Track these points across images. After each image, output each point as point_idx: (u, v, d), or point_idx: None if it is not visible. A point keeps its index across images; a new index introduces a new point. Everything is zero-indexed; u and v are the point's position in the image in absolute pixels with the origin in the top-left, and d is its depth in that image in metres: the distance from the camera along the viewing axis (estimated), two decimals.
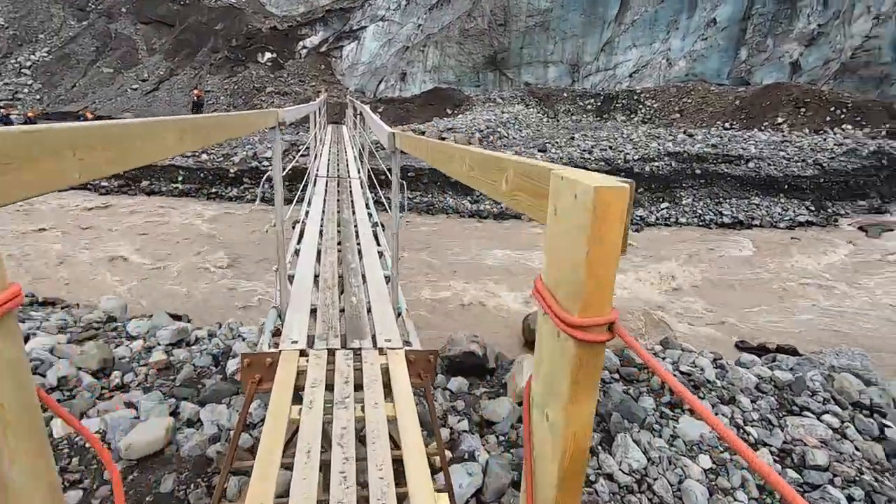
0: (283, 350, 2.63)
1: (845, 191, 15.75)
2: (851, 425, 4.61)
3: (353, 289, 3.68)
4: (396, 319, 3.24)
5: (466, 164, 1.19)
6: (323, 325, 3.01)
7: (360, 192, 7.11)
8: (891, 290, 10.27)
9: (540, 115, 31.50)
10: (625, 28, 37.01)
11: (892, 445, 4.41)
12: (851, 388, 5.07)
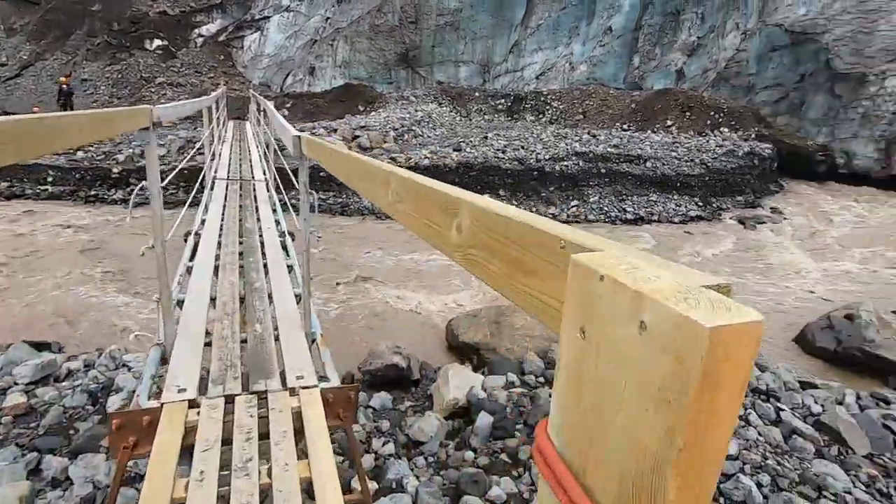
0: (167, 403, 2.14)
1: (726, 188, 17.50)
2: (753, 411, 4.94)
3: (258, 314, 3.21)
4: (310, 348, 2.84)
5: (392, 191, 0.90)
6: (220, 363, 2.54)
7: (266, 197, 6.47)
8: (768, 276, 11.49)
9: (453, 113, 31.71)
10: (531, 32, 38.39)
11: (787, 427, 4.77)
12: (750, 374, 5.46)
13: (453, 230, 0.67)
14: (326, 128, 21.99)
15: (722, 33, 30.05)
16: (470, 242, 0.62)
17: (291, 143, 2.60)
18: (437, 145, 21.11)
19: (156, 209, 2.43)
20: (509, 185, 16.08)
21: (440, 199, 0.73)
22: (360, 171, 1.20)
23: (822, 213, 17.41)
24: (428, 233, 0.75)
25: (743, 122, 24.33)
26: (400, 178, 0.88)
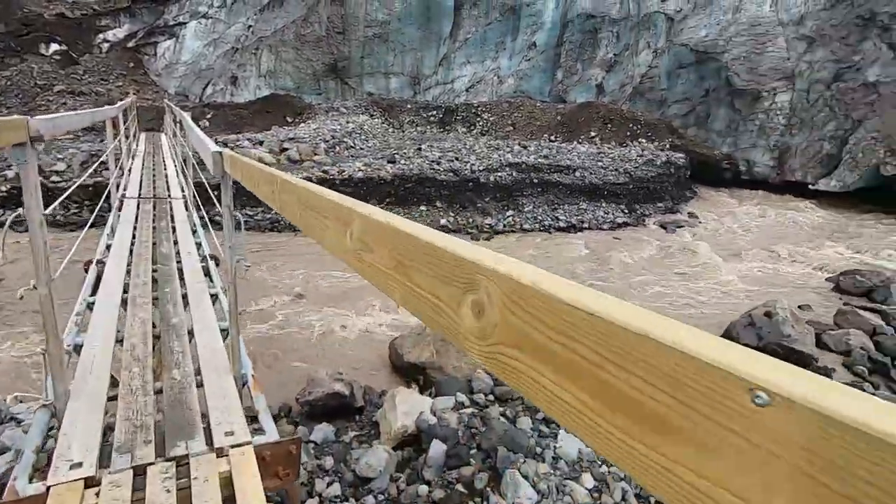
0: (55, 486, 1.72)
1: (648, 195, 18.56)
2: None
3: (176, 356, 2.77)
4: (240, 394, 2.47)
5: (353, 235, 0.66)
6: (127, 424, 2.11)
7: (185, 217, 5.86)
8: (691, 277, 12.20)
9: (385, 125, 31.44)
10: (459, 45, 39.07)
11: None
12: None
13: (464, 311, 0.45)
14: (252, 140, 20.91)
15: (635, 51, 32.13)
16: (505, 340, 0.41)
17: (211, 159, 2.25)
18: (370, 157, 20.72)
19: (38, 243, 1.98)
20: (445, 197, 16.04)
21: (447, 259, 0.50)
22: (302, 201, 0.94)
23: (731, 217, 18.92)
24: (420, 305, 0.53)
25: (658, 133, 26.05)
26: (364, 217, 0.64)
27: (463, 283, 0.47)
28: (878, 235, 16.67)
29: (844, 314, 8.97)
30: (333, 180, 15.33)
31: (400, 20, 38.96)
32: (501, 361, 0.43)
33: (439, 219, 15.45)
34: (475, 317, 0.45)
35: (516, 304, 0.41)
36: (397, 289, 0.58)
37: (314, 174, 15.53)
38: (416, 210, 15.74)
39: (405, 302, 0.56)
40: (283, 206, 1.15)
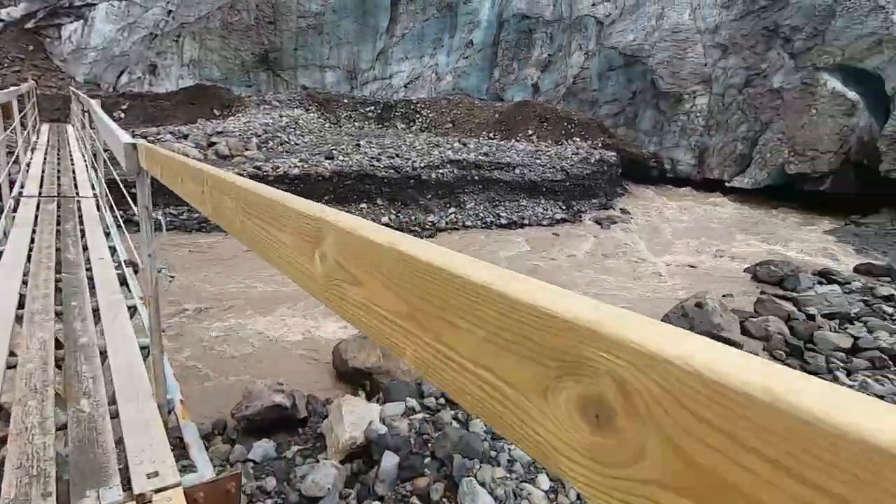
0: None
1: (584, 191, 19.21)
2: None
3: (85, 383, 2.37)
4: (166, 424, 2.14)
5: (326, 258, 0.46)
6: (19, 474, 1.74)
7: (97, 218, 5.21)
8: (626, 271, 12.72)
9: (322, 120, 30.42)
10: (396, 40, 38.60)
11: None
12: None
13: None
14: (175, 133, 19.43)
15: (568, 52, 33.19)
16: None
17: (123, 152, 1.91)
18: (306, 153, 19.90)
19: None
20: (387, 194, 15.71)
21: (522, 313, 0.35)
22: (245, 206, 0.71)
23: (659, 212, 20.01)
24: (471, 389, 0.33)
25: (591, 132, 27.07)
26: (350, 237, 0.44)
27: (559, 360, 0.31)
28: (785, 229, 18.26)
29: (763, 302, 9.69)
30: (267, 177, 14.54)
31: (335, 12, 37.88)
32: None
33: (381, 217, 15.10)
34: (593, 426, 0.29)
35: None
36: (409, 346, 0.38)
37: (246, 171, 14.65)
38: (355, 208, 15.28)
39: (423, 366, 0.37)
40: (218, 212, 0.91)
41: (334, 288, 0.47)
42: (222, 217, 0.88)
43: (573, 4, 33.34)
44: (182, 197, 1.31)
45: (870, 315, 9.81)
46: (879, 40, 20.71)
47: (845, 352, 8.18)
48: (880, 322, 9.45)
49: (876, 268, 13.12)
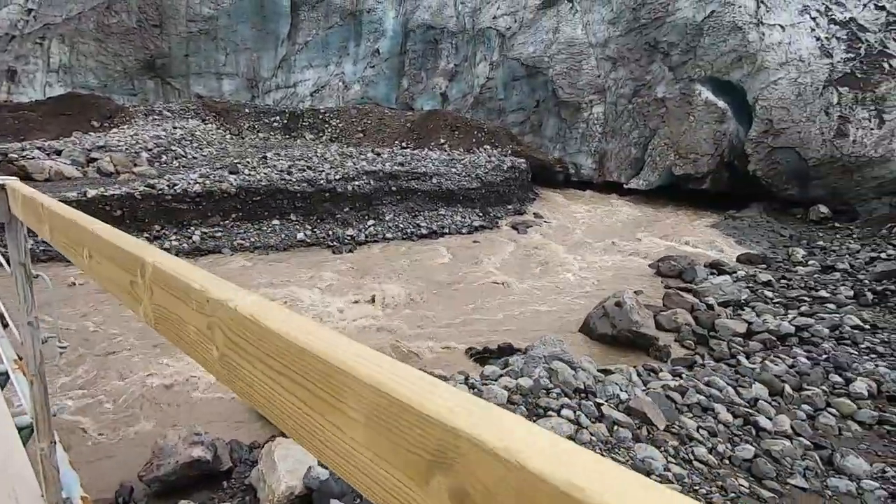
0: None
1: (498, 198, 19.73)
2: (581, 412, 5.28)
3: None
4: None
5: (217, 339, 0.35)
6: None
7: None
8: (546, 273, 13.18)
9: (222, 131, 28.42)
10: (299, 48, 37.33)
11: (609, 421, 5.24)
12: (567, 375, 5.89)
13: None
14: (45, 149, 17.00)
15: (474, 63, 34.09)
16: None
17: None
18: (207, 167, 18.40)
19: None
20: (301, 209, 14.95)
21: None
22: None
23: (569, 215, 21.12)
24: None
25: (500, 140, 27.97)
26: (235, 314, 0.32)
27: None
28: (678, 225, 20.10)
29: (669, 296, 10.51)
30: (164, 196, 13.16)
31: (230, 16, 35.78)
32: None
33: (296, 233, 14.32)
34: None
35: None
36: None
37: (137, 189, 13.15)
38: (267, 225, 14.36)
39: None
40: (165, 323, 0.65)
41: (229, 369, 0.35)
42: (180, 338, 0.63)
43: (475, 17, 34.34)
44: (93, 278, 0.97)
45: (756, 300, 11.01)
46: (739, 57, 23.63)
47: (742, 336, 9.08)
48: (764, 306, 10.64)
49: (754, 257, 14.82)
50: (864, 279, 11.84)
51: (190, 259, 12.36)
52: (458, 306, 10.56)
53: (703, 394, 5.99)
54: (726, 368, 7.28)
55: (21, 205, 1.44)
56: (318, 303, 9.81)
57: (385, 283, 11.52)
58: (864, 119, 19.71)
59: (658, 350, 8.35)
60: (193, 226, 13.28)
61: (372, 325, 8.98)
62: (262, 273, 11.67)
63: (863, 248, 14.16)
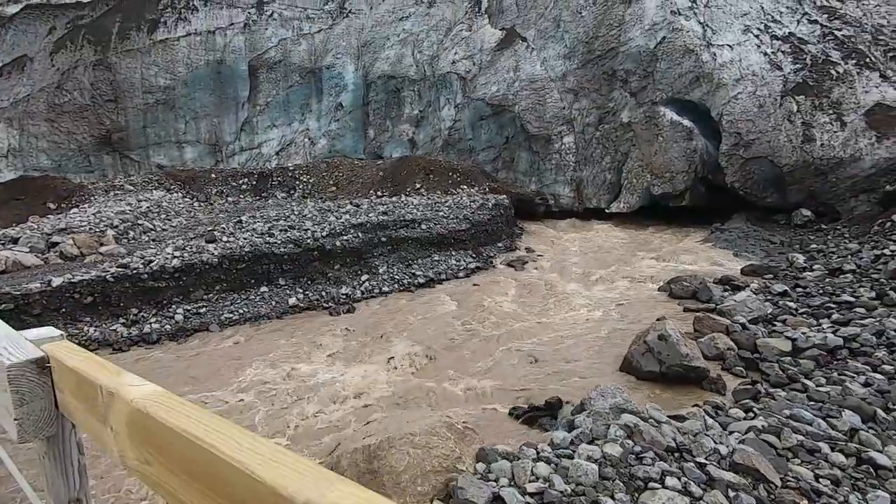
0: None
1: (488, 236, 19.26)
2: (687, 479, 4.50)
3: None
4: None
5: None
6: None
7: None
8: (559, 310, 12.53)
9: (189, 199, 27.32)
10: (260, 109, 37.09)
11: (722, 485, 4.47)
12: (653, 433, 5.13)
13: None
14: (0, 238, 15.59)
15: (438, 107, 34.45)
16: None
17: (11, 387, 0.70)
18: (180, 239, 17.29)
19: None
20: (289, 272, 13.99)
21: None
22: None
23: (559, 245, 20.78)
24: None
25: (476, 178, 27.88)
26: None
27: None
28: (668, 244, 19.99)
29: (700, 320, 9.99)
30: (139, 275, 12.02)
31: (187, 85, 35.36)
32: None
33: (287, 298, 13.30)
34: None
35: None
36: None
37: (109, 271, 11.97)
38: (255, 293, 13.30)
39: None
40: None
41: None
42: None
43: (434, 64, 34.99)
44: None
45: (782, 314, 10.60)
46: (697, 77, 24.53)
47: (789, 355, 8.55)
48: (794, 318, 10.23)
49: (759, 268, 14.63)
50: (879, 278, 11.68)
51: (176, 341, 11.18)
52: (479, 359, 9.72)
53: (799, 433, 5.32)
54: (801, 396, 6.66)
55: (74, 395, 0.67)
56: (330, 375, 8.80)
57: (395, 342, 10.61)
58: (826, 123, 20.47)
59: (713, 383, 7.70)
60: (175, 304, 12.12)
61: (396, 394, 8.02)
62: (259, 348, 10.58)
63: (862, 248, 14.18)
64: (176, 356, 10.49)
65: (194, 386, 8.91)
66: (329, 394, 7.97)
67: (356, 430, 6.52)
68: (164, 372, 9.59)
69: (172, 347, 10.96)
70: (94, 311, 11.42)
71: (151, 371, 9.67)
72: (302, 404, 7.77)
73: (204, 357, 10.33)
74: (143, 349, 10.84)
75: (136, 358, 10.37)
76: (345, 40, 38.53)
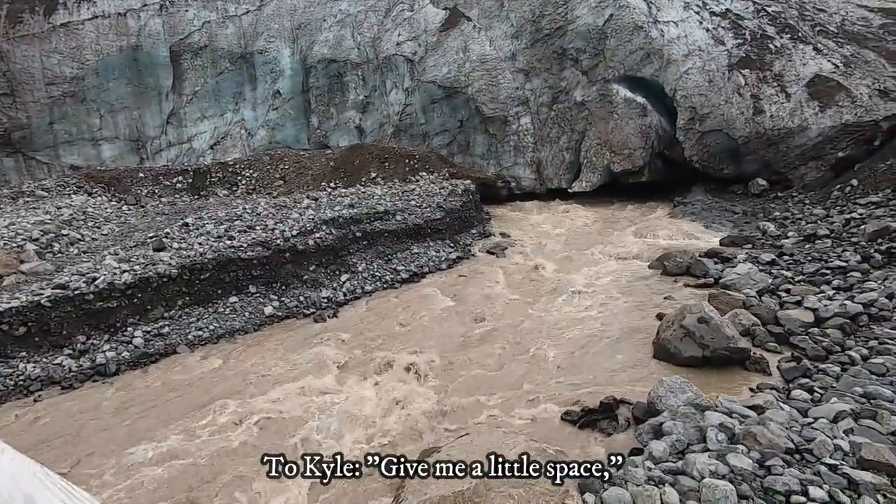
0: None
1: (462, 224, 18.49)
2: (826, 485, 4.01)
3: None
4: None
5: None
6: None
7: None
8: (557, 297, 12.02)
9: (116, 203, 24.30)
10: (188, 99, 33.83)
11: (869, 489, 4.01)
12: (768, 434, 4.62)
13: None
14: None
15: (385, 91, 32.93)
16: None
17: None
18: (119, 248, 15.09)
19: None
20: (260, 279, 12.48)
21: None
22: None
23: (532, 228, 20.40)
24: None
25: (433, 164, 26.88)
26: None
27: None
28: (638, 219, 20.17)
29: (716, 297, 9.81)
30: (83, 295, 10.13)
31: (98, 74, 31.53)
32: None
33: (262, 307, 11.85)
34: None
35: None
36: None
37: (44, 294, 9.97)
38: (224, 305, 11.73)
39: None
40: None
41: None
42: None
43: (377, 46, 33.32)
44: None
45: (782, 283, 10.68)
46: (647, 53, 24.83)
47: (813, 325, 8.50)
48: (796, 287, 10.30)
49: (737, 238, 14.92)
50: (859, 242, 12.13)
51: (140, 368, 9.54)
52: (499, 360, 8.99)
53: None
54: (857, 370, 6.49)
55: None
56: (344, 395, 7.71)
57: (399, 347, 9.64)
58: (773, 95, 21.36)
59: (756, 363, 7.44)
60: (131, 325, 10.36)
61: (437, 410, 7.11)
62: (244, 372, 9.20)
63: (829, 212, 14.79)
64: (145, 385, 8.91)
65: (177, 425, 7.49)
66: (354, 419, 6.92)
67: (421, 468, 5.55)
68: (131, 412, 8.06)
69: (136, 378, 9.32)
70: (29, 343, 9.48)
71: (117, 412, 8.10)
72: (317, 432, 6.68)
73: (179, 385, 8.83)
74: (100, 384, 9.13)
75: (83, 396, 8.67)
76: (276, 22, 35.83)
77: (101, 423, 7.69)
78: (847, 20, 27.70)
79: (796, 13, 27.47)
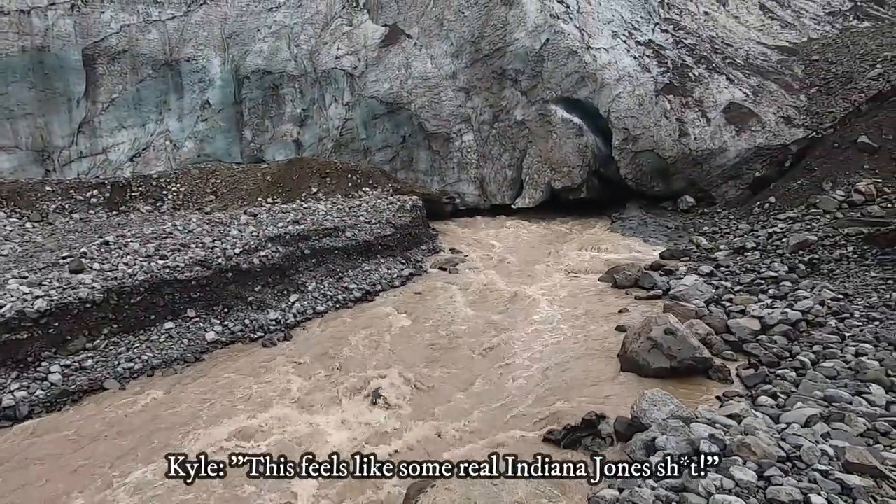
0: None
1: (412, 240, 18.19)
2: (826, 492, 4.10)
3: None
4: None
5: None
6: None
7: None
8: (518, 311, 12.02)
9: (18, 220, 21.57)
10: (103, 107, 31.20)
11: (862, 493, 4.16)
12: (760, 443, 4.70)
13: None
14: None
15: (324, 105, 32.17)
16: None
17: None
18: (24, 271, 13.25)
19: None
20: (199, 301, 11.40)
21: None
22: None
23: (479, 244, 20.49)
24: None
25: (377, 180, 26.44)
26: None
27: None
28: (580, 234, 20.88)
29: (671, 308, 10.20)
30: None
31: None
32: None
33: (203, 333, 10.80)
34: None
35: None
36: None
37: None
38: (158, 332, 10.55)
39: None
40: None
41: None
42: None
43: (315, 59, 32.59)
44: None
45: (724, 293, 11.35)
46: (582, 77, 26.11)
47: (759, 332, 9.03)
48: (737, 297, 10.98)
49: (675, 252, 15.80)
50: (783, 253, 13.22)
51: (57, 410, 8.28)
52: (469, 380, 8.74)
53: (863, 417, 5.36)
54: (813, 374, 6.90)
55: None
56: (308, 431, 7.06)
57: (360, 370, 9.11)
58: (695, 119, 23.16)
59: (719, 371, 7.74)
60: (46, 360, 9.00)
61: (411, 444, 6.66)
62: (190, 409, 8.22)
63: (754, 227, 16.07)
64: (62, 435, 7.68)
65: (92, 481, 6.48)
66: (324, 452, 6.32)
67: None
68: (33, 472, 6.89)
69: (51, 422, 8.05)
70: None
71: (16, 469, 6.90)
72: (292, 482, 6.02)
73: (103, 429, 7.70)
74: (5, 430, 7.78)
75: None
76: (206, 30, 34.08)
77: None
78: (751, 54, 30.86)
79: (709, 46, 30.19)
